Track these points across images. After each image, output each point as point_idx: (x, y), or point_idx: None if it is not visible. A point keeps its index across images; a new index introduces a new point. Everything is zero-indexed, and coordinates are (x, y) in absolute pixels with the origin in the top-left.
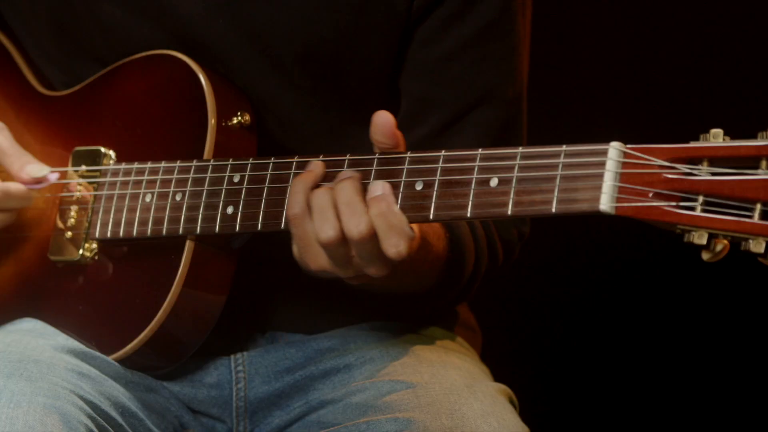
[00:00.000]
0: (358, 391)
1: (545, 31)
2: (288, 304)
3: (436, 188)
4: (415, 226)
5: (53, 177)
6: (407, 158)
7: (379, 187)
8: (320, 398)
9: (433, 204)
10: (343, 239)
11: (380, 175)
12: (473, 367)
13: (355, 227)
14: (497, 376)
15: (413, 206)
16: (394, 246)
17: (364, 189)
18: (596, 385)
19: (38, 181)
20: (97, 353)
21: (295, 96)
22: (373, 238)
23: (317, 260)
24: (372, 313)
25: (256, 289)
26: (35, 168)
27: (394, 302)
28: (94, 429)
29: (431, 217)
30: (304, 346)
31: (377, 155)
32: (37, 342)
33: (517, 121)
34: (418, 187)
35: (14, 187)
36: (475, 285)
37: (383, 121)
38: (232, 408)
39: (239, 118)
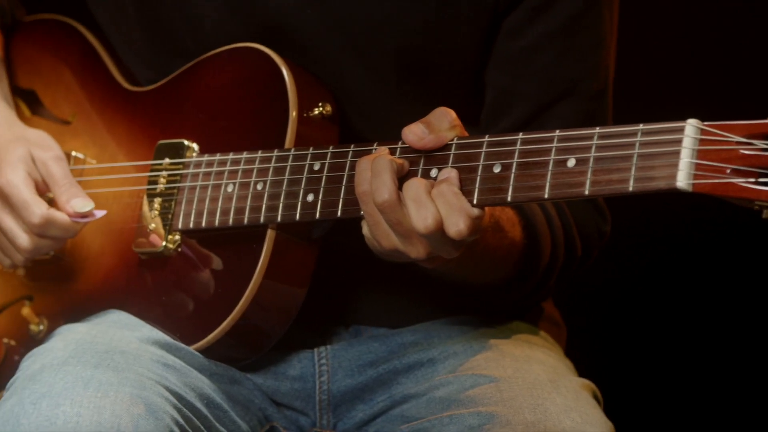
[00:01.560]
0: (441, 386)
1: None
2: (372, 298)
3: (513, 170)
4: (486, 209)
5: (99, 214)
6: (485, 142)
7: (445, 173)
8: (403, 392)
9: (510, 186)
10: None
11: (458, 159)
12: (557, 362)
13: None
14: (582, 372)
15: (491, 189)
16: (454, 225)
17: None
18: (683, 381)
19: (83, 215)
20: (182, 345)
21: (381, 87)
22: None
23: (389, 239)
24: (455, 307)
25: (340, 283)
26: (80, 203)
27: (474, 294)
28: (180, 419)
29: (509, 198)
30: (388, 340)
31: (455, 140)
32: (122, 333)
33: (602, 116)
34: (496, 169)
35: (59, 217)
36: (553, 276)
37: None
38: (315, 401)
39: (321, 109)
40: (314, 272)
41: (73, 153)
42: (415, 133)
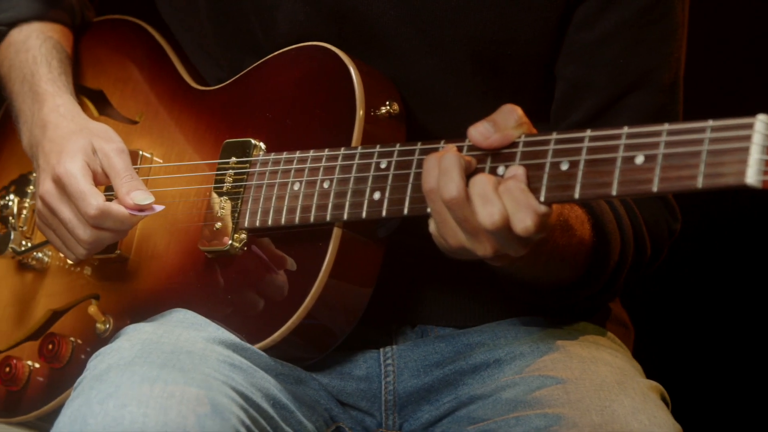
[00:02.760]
0: (508, 387)
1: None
2: (438, 299)
3: (581, 167)
4: (554, 207)
5: (157, 208)
6: (553, 139)
7: (512, 170)
8: (470, 393)
9: (578, 183)
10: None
11: (525, 157)
12: (624, 364)
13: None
14: (649, 374)
15: (559, 186)
16: (521, 221)
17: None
18: (755, 385)
19: (141, 208)
20: (248, 345)
21: (452, 80)
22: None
23: (456, 236)
24: (522, 308)
25: (406, 283)
26: (141, 195)
27: (542, 294)
28: (246, 420)
29: (576, 196)
30: (454, 341)
31: (523, 137)
32: (189, 333)
33: (673, 109)
34: (564, 167)
35: (116, 208)
36: (622, 276)
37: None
38: (381, 401)
39: (388, 107)
40: (381, 272)
41: (141, 152)
42: (480, 132)
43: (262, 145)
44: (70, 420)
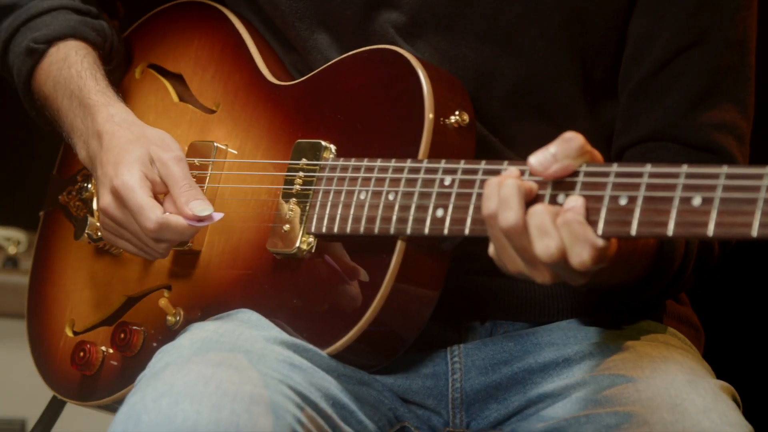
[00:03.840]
0: (578, 385)
1: None
2: (506, 297)
3: (639, 204)
4: None
5: (216, 217)
6: (613, 172)
7: (571, 201)
8: (539, 392)
9: (635, 220)
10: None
11: (585, 187)
12: (695, 364)
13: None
14: (720, 376)
15: (616, 221)
16: (578, 255)
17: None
18: None
19: (200, 219)
20: (310, 345)
21: (538, 30)
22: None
23: (515, 263)
24: (591, 305)
25: (475, 278)
26: (199, 205)
27: (608, 294)
28: (303, 419)
29: (633, 233)
30: (522, 340)
31: (584, 167)
32: (250, 333)
33: (740, 70)
34: (622, 201)
35: (174, 220)
36: (688, 271)
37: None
38: (448, 399)
39: (457, 116)
40: (452, 265)
41: (216, 144)
42: (540, 162)
43: (333, 147)
44: (125, 417)
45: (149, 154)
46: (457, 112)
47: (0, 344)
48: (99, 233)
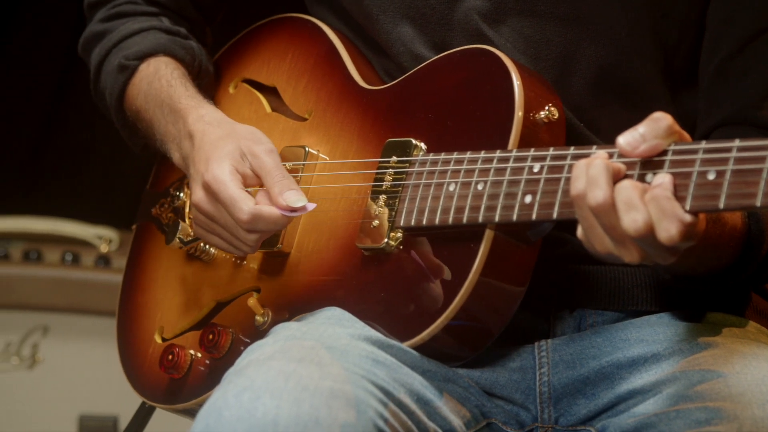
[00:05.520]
0: (668, 381)
1: None
2: (595, 284)
3: (728, 177)
4: None
5: (309, 207)
6: (701, 149)
7: (659, 178)
8: (628, 388)
9: (723, 193)
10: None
11: (673, 165)
12: None
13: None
14: None
15: (705, 195)
16: (666, 230)
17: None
18: None
19: (294, 209)
20: (394, 342)
21: (620, 10)
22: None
23: (603, 243)
24: (678, 296)
25: (562, 269)
26: (293, 196)
27: (697, 281)
28: (386, 414)
29: (721, 206)
30: (611, 335)
31: (672, 146)
32: (334, 329)
33: None
34: (711, 176)
35: (267, 211)
36: None
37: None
38: (536, 394)
39: (547, 112)
40: (541, 254)
41: (307, 148)
42: (629, 143)
43: (423, 146)
44: (207, 413)
45: (240, 149)
46: (547, 108)
47: (92, 341)
48: (189, 237)
